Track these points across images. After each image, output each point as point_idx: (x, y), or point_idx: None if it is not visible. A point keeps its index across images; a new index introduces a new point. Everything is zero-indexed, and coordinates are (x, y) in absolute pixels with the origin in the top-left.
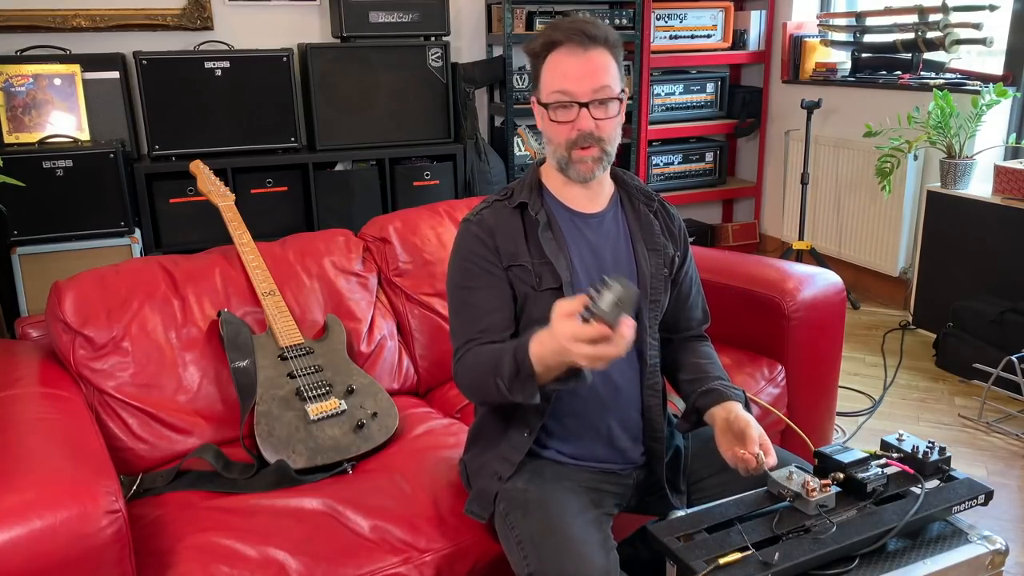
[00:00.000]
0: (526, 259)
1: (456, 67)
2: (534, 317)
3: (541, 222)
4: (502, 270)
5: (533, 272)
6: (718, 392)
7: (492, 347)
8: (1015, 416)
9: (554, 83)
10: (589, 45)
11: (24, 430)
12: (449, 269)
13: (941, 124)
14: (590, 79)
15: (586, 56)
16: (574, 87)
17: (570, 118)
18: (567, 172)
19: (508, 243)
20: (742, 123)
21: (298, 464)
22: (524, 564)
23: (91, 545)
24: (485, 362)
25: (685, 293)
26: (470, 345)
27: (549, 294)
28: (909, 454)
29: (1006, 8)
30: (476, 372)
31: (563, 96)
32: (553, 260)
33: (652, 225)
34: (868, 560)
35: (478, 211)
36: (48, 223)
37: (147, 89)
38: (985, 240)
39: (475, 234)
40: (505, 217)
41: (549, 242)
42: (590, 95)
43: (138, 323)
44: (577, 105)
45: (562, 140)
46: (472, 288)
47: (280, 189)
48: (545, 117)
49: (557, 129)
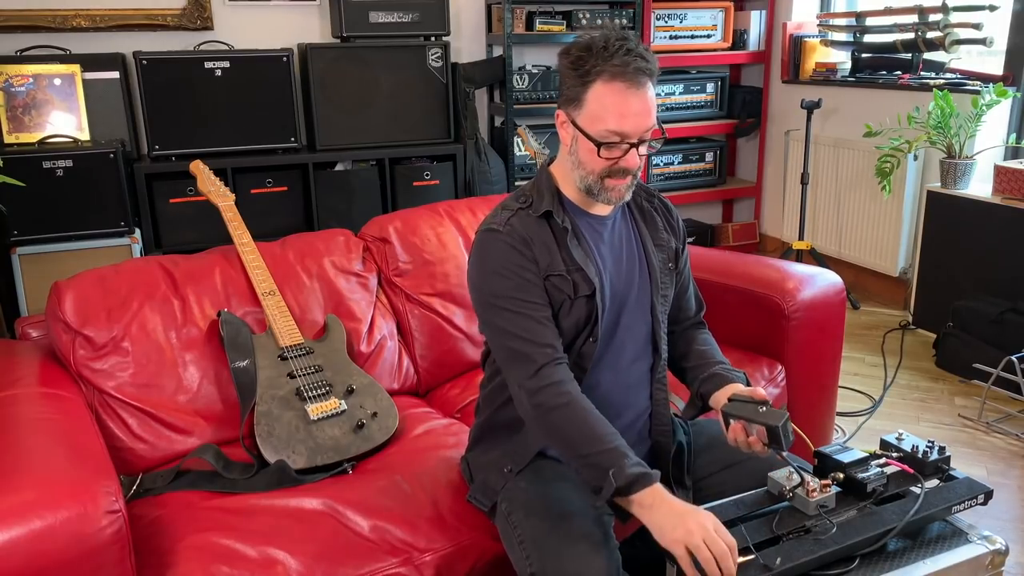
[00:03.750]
0: (561, 268)
1: (456, 67)
2: (564, 326)
3: (568, 230)
4: (541, 280)
5: (570, 280)
6: (720, 376)
7: (603, 420)
8: (1015, 416)
9: (609, 120)
10: (644, 81)
11: (24, 430)
12: (481, 278)
13: (941, 124)
14: (645, 120)
15: (639, 94)
16: (631, 129)
17: (617, 155)
18: (596, 196)
19: (544, 253)
20: (742, 123)
21: (298, 464)
22: (526, 563)
23: (91, 545)
24: (597, 436)
25: (684, 283)
26: (563, 371)
27: (583, 301)
28: (909, 454)
29: (1006, 8)
30: (582, 431)
31: (618, 137)
32: (584, 267)
33: (656, 221)
34: (868, 560)
35: (505, 220)
36: (48, 223)
37: (147, 89)
38: (985, 240)
39: (510, 244)
40: (534, 227)
41: (577, 249)
42: (641, 135)
43: (138, 323)
44: (628, 144)
45: (598, 168)
46: (521, 299)
47: (280, 189)
48: (586, 146)
49: (598, 161)
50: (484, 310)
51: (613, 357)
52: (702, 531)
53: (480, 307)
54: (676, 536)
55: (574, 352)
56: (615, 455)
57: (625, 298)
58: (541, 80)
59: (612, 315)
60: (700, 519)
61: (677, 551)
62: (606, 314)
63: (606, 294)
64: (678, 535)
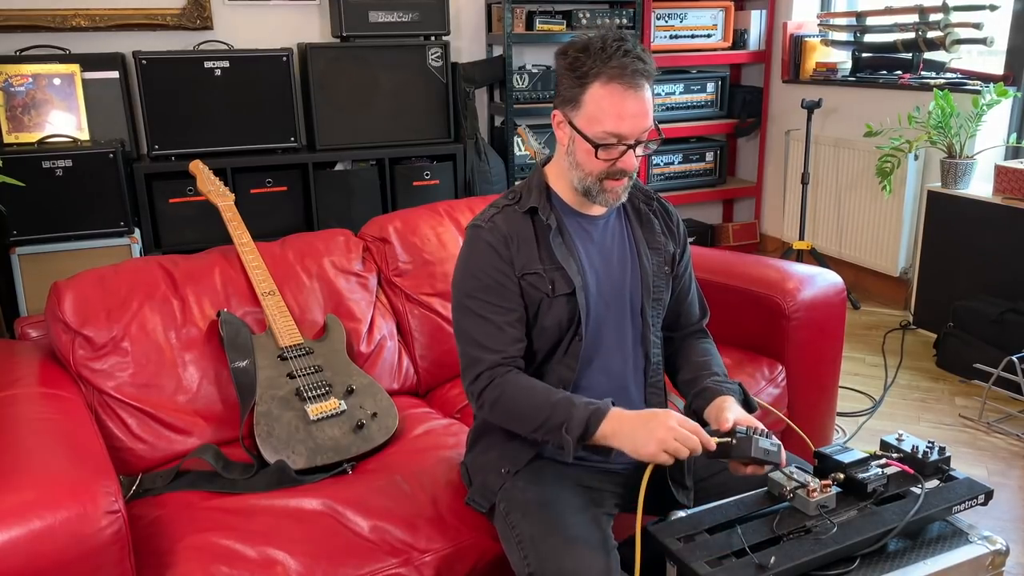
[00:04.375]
0: (539, 266)
1: (456, 67)
2: (545, 324)
3: (552, 227)
4: (515, 280)
5: (547, 279)
6: (711, 390)
7: (542, 387)
8: (1015, 416)
9: (606, 122)
10: (642, 83)
11: (24, 430)
12: (459, 274)
13: (941, 124)
14: (641, 121)
15: (636, 96)
16: (628, 131)
17: (614, 156)
18: (594, 198)
19: (523, 250)
20: (742, 123)
21: (298, 464)
22: (524, 564)
23: (91, 545)
24: (539, 404)
25: (684, 290)
26: (502, 370)
27: (563, 299)
28: (909, 454)
29: (1006, 8)
30: (523, 407)
31: (614, 139)
32: (565, 265)
33: (652, 224)
34: (868, 560)
35: (489, 217)
36: (48, 223)
37: (147, 89)
38: (985, 240)
39: (489, 242)
40: (517, 223)
41: (560, 247)
42: (638, 136)
43: (138, 323)
44: (624, 146)
45: (595, 170)
46: (488, 302)
47: (280, 189)
48: (583, 147)
49: (596, 163)
50: (455, 309)
51: (604, 359)
52: (671, 432)
53: (454, 305)
54: (651, 450)
55: (560, 351)
56: (560, 410)
57: (614, 299)
58: (541, 80)
59: (600, 315)
60: (662, 423)
61: (660, 459)
62: (592, 314)
63: (590, 293)
64: (652, 448)
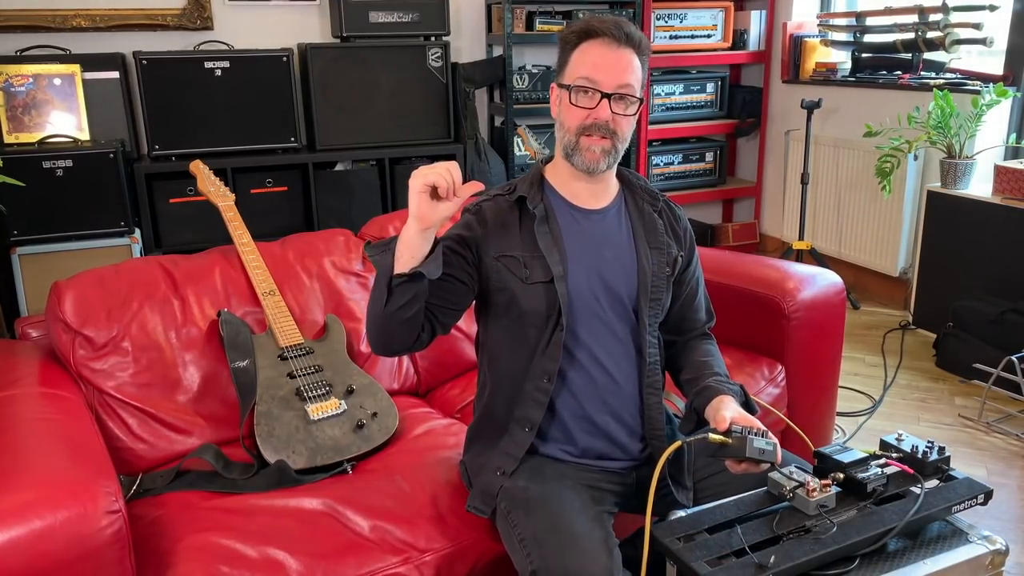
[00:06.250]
0: (517, 251)
1: (456, 67)
2: (524, 310)
3: (538, 216)
4: (472, 257)
5: (523, 264)
6: (711, 389)
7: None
8: (1015, 416)
9: (582, 69)
10: (624, 43)
11: (24, 430)
12: None
13: (941, 124)
14: (618, 74)
15: (618, 52)
16: (602, 77)
17: (589, 105)
18: (572, 159)
19: (499, 233)
20: (742, 123)
21: (298, 464)
22: (527, 562)
23: (91, 545)
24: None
25: (691, 295)
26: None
27: (540, 287)
28: (908, 454)
29: (1006, 8)
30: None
31: (588, 83)
32: (546, 254)
33: (655, 224)
34: (868, 560)
35: (478, 202)
36: (48, 223)
37: (147, 89)
38: (985, 240)
39: (466, 221)
40: (502, 209)
41: (544, 236)
42: (614, 88)
43: (138, 323)
44: (599, 94)
45: (575, 124)
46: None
47: (280, 189)
48: (564, 99)
49: (573, 113)
50: None
51: (593, 353)
52: (417, 178)
53: None
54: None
55: (543, 341)
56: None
57: (605, 294)
58: (541, 80)
59: (587, 308)
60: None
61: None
62: (576, 305)
63: (574, 284)
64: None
